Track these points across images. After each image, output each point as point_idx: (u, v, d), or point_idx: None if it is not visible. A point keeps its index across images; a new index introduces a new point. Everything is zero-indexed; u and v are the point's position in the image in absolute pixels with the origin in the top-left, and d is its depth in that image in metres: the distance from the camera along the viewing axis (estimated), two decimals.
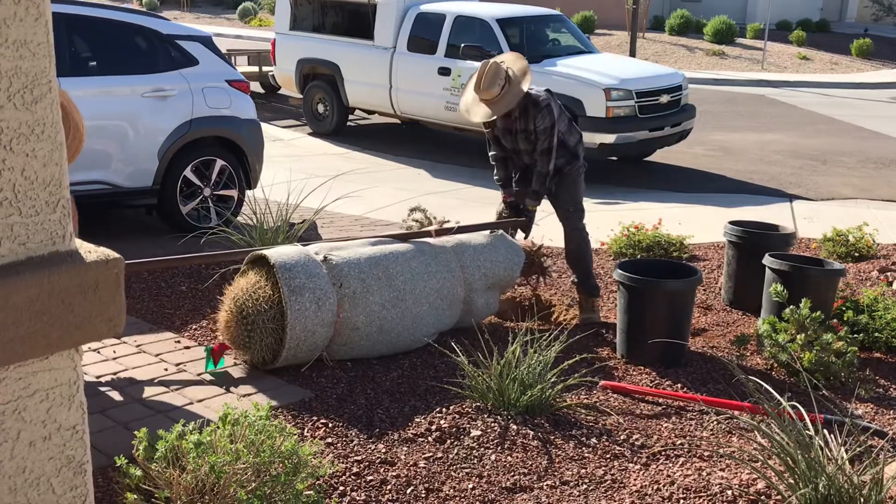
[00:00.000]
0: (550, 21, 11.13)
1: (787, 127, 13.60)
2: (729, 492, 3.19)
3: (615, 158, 10.20)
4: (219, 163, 6.77)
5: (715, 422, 3.84)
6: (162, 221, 6.71)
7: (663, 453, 3.53)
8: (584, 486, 3.27)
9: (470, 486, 3.21)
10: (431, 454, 3.42)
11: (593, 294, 5.20)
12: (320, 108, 11.94)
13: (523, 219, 5.25)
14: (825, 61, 22.31)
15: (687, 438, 3.67)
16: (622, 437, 3.66)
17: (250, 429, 2.89)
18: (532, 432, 3.63)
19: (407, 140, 11.73)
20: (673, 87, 10.05)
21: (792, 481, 2.94)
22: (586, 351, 4.48)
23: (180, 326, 4.78)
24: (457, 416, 3.71)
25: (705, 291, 5.75)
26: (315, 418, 3.67)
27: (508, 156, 5.24)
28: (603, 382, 4.17)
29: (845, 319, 4.77)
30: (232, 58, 13.55)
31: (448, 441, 3.53)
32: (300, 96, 12.17)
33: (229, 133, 6.79)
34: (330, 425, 3.62)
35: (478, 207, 8.17)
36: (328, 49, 11.58)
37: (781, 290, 4.57)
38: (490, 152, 5.32)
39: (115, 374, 4.11)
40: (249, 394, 3.93)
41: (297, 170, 9.06)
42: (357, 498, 3.10)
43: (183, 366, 4.24)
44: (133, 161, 6.32)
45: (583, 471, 3.37)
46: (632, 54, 18.58)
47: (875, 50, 23.43)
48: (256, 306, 4.07)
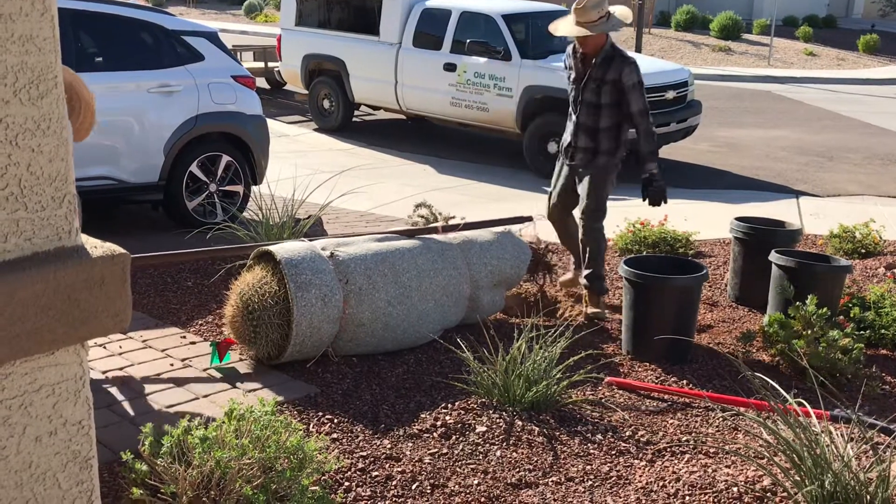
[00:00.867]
0: (556, 17, 11.08)
1: (794, 123, 13.56)
2: (734, 488, 3.19)
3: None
4: (224, 158, 6.77)
5: (721, 418, 3.83)
6: (168, 217, 6.72)
7: (669, 450, 3.53)
8: (590, 483, 3.26)
9: (475, 482, 3.21)
10: (437, 450, 3.42)
11: (600, 292, 5.19)
12: (326, 104, 11.94)
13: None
14: (832, 57, 22.24)
15: (692, 435, 3.67)
16: (627, 434, 3.65)
17: (256, 424, 2.90)
18: (537, 428, 3.62)
19: (412, 136, 11.72)
20: (679, 83, 10.02)
21: (798, 478, 2.94)
22: (591, 347, 4.48)
23: (186, 322, 4.79)
24: (462, 412, 3.71)
25: (711, 288, 5.74)
26: (320, 414, 3.68)
27: (570, 108, 5.17)
28: (608, 379, 4.17)
29: (852, 316, 4.76)
30: (237, 53, 13.56)
31: (453, 437, 3.53)
32: (306, 92, 12.17)
33: (235, 129, 6.79)
34: (335, 421, 3.62)
35: (484, 203, 8.16)
36: (334, 45, 11.57)
37: (788, 287, 4.55)
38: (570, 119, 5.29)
39: (121, 370, 4.11)
40: (255, 389, 3.94)
41: (303, 165, 9.07)
42: (362, 493, 3.10)
43: (189, 361, 4.24)
44: (139, 157, 6.33)
45: (588, 467, 3.37)
46: (637, 50, 18.54)
47: (882, 46, 23.35)
48: (262, 302, 4.08)
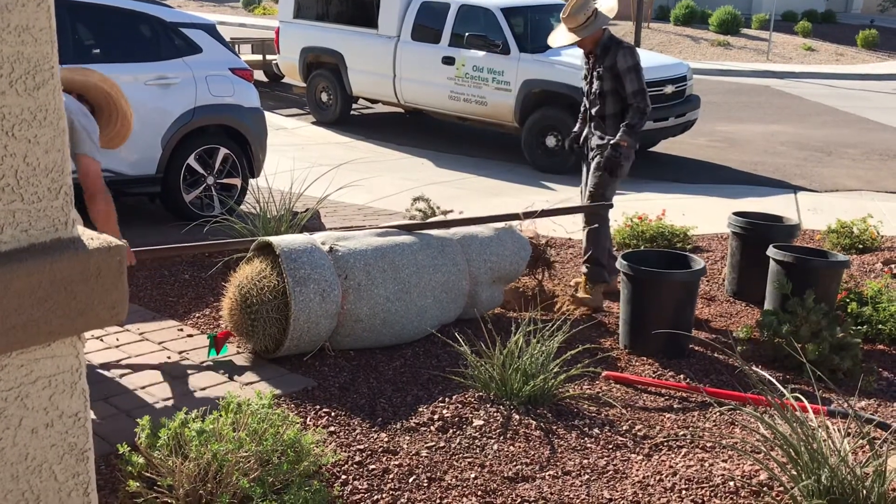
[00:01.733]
0: (555, 10, 11.07)
1: (792, 118, 13.56)
2: (731, 483, 3.19)
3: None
4: (222, 151, 6.76)
5: (718, 413, 3.83)
6: (165, 209, 6.71)
7: (666, 444, 3.53)
8: (587, 477, 3.27)
9: (472, 476, 3.21)
10: (434, 443, 3.43)
11: (594, 280, 5.21)
12: (324, 97, 11.92)
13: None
14: (830, 52, 22.23)
15: (689, 429, 3.67)
16: (625, 428, 3.66)
17: (253, 417, 2.90)
18: (534, 422, 3.62)
19: (411, 129, 11.71)
20: (677, 78, 10.01)
21: (794, 473, 2.94)
22: (589, 341, 4.48)
23: (183, 314, 4.78)
24: (459, 406, 3.71)
25: (709, 282, 5.74)
26: (317, 407, 3.68)
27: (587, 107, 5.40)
28: (606, 373, 4.17)
29: (849, 311, 4.76)
30: (235, 46, 13.52)
31: (450, 430, 3.53)
32: (304, 85, 12.15)
33: (233, 121, 6.78)
34: (332, 414, 3.62)
35: (482, 197, 8.16)
36: (332, 38, 11.55)
37: (785, 282, 4.56)
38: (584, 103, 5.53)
39: (118, 362, 4.11)
40: (252, 382, 3.93)
41: (301, 158, 9.06)
42: (359, 486, 3.10)
43: (186, 354, 4.24)
44: (136, 149, 6.31)
45: (585, 461, 3.37)
46: (637, 44, 18.52)
47: (881, 41, 23.35)
48: (261, 296, 4.07)
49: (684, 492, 3.16)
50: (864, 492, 2.80)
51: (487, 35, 10.03)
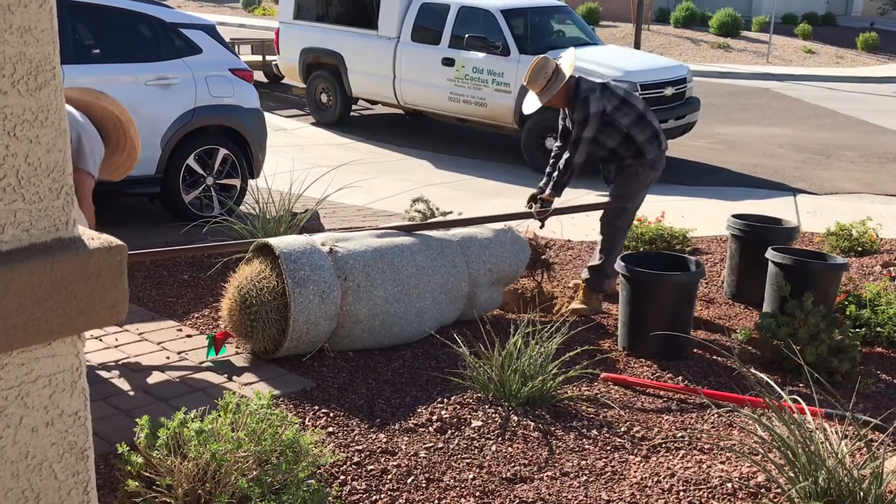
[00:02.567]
0: (555, 12, 11.10)
1: (792, 121, 13.57)
2: (729, 484, 3.20)
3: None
4: (222, 152, 6.76)
5: (716, 414, 3.84)
6: (164, 210, 6.71)
7: (664, 446, 3.54)
8: (585, 478, 3.27)
9: (470, 477, 3.21)
10: (432, 444, 3.43)
11: (594, 288, 5.19)
12: (324, 98, 11.93)
13: (535, 210, 5.21)
14: (830, 55, 22.25)
15: (688, 431, 3.68)
16: (623, 429, 3.66)
17: (252, 417, 2.90)
18: (533, 423, 3.63)
19: (410, 131, 11.72)
20: (677, 80, 10.02)
21: (792, 474, 2.94)
22: (588, 343, 4.48)
23: (182, 315, 4.79)
24: (458, 407, 3.72)
25: (708, 285, 5.75)
26: (316, 407, 3.68)
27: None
28: (604, 374, 4.17)
29: (848, 314, 4.77)
30: (235, 47, 13.52)
31: (449, 431, 3.54)
32: (303, 86, 12.16)
33: (232, 122, 6.78)
34: (331, 415, 3.62)
35: (481, 199, 8.16)
36: (332, 39, 11.56)
37: (784, 285, 4.56)
38: (556, 143, 5.45)
39: (117, 362, 4.11)
40: (251, 382, 3.94)
41: (300, 159, 9.06)
42: (358, 487, 3.10)
43: (185, 354, 4.24)
44: None
45: (583, 462, 3.38)
46: (636, 46, 18.53)
47: (881, 44, 23.36)
48: (260, 297, 4.07)
49: (682, 493, 3.16)
50: (862, 494, 2.80)
51: (487, 36, 10.04)
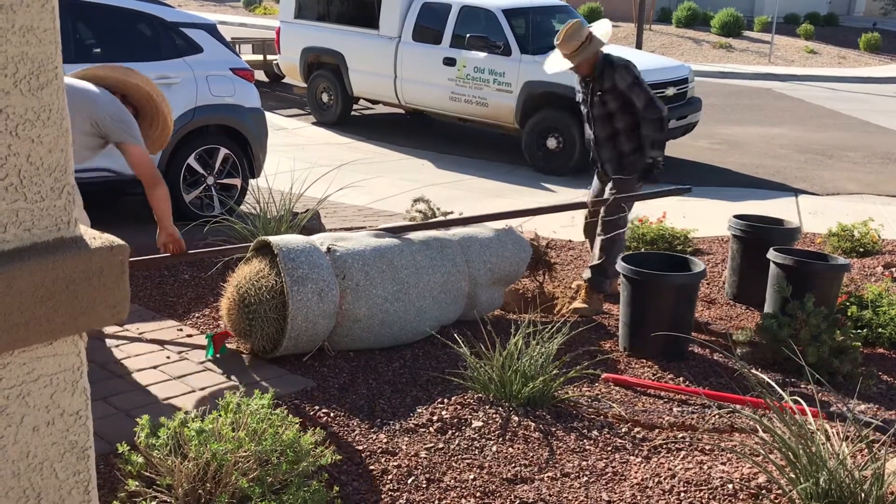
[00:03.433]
0: (557, 12, 11.10)
1: (794, 121, 13.56)
2: (730, 485, 3.20)
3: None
4: (222, 151, 6.76)
5: (717, 415, 3.84)
6: None
7: (664, 446, 3.54)
8: (585, 479, 3.27)
9: (471, 477, 3.21)
10: (433, 445, 3.43)
11: (596, 289, 5.19)
12: (324, 98, 11.93)
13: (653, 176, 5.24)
14: (833, 55, 22.24)
15: (688, 432, 3.67)
16: (623, 430, 3.66)
17: (252, 417, 2.90)
18: (533, 424, 3.63)
19: (411, 130, 11.72)
20: (679, 80, 10.02)
21: (793, 475, 2.94)
22: (589, 343, 4.48)
23: (183, 314, 4.79)
24: (458, 407, 3.71)
25: (709, 285, 5.74)
26: (317, 407, 3.68)
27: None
28: (605, 375, 4.17)
29: (849, 315, 4.76)
30: (236, 46, 13.53)
31: (449, 432, 3.53)
32: (304, 85, 12.16)
33: (233, 121, 6.78)
34: (331, 415, 3.62)
35: (482, 198, 8.16)
36: (333, 38, 11.56)
37: (786, 285, 4.56)
38: (588, 131, 5.47)
39: (118, 361, 4.11)
40: (251, 382, 3.94)
41: (301, 159, 9.06)
42: (358, 487, 3.10)
43: (185, 353, 4.24)
44: None
45: (584, 463, 3.38)
46: (638, 46, 18.53)
47: (883, 44, 23.36)
48: (259, 295, 4.07)
49: (683, 494, 3.16)
50: (863, 495, 2.80)
51: (489, 36, 10.04)
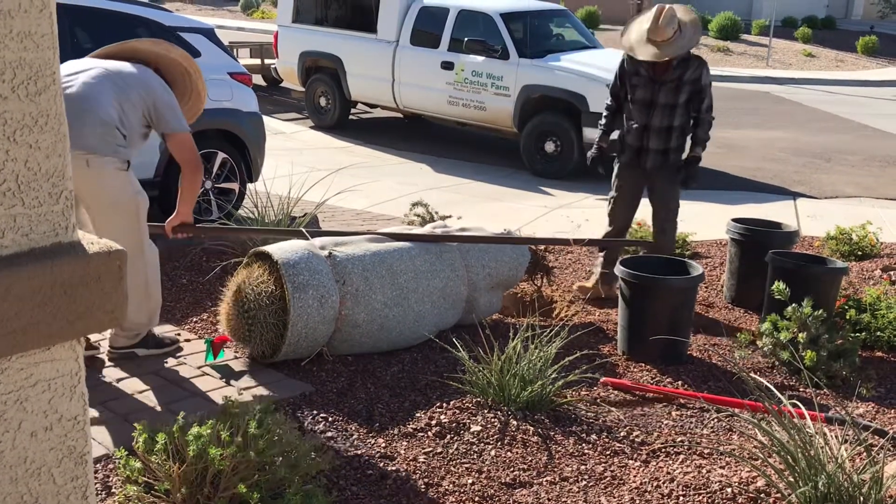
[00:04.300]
0: (554, 16, 11.11)
1: (792, 124, 13.58)
2: (729, 489, 3.19)
3: (615, 154, 10.19)
4: (220, 155, 6.76)
5: (715, 419, 3.83)
6: (162, 214, 6.69)
7: (663, 450, 3.53)
8: (584, 483, 3.27)
9: (469, 482, 3.21)
10: (431, 449, 3.42)
11: (609, 282, 5.29)
12: (322, 102, 11.93)
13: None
14: (830, 58, 22.28)
15: (687, 436, 3.67)
16: (622, 434, 3.66)
17: (250, 422, 2.90)
18: (532, 428, 3.62)
19: (409, 134, 11.72)
20: None
21: (792, 479, 2.94)
22: (587, 347, 4.48)
23: (181, 319, 4.78)
24: (457, 412, 3.71)
25: (707, 289, 5.74)
26: (315, 412, 3.67)
27: (629, 110, 5.29)
28: (604, 379, 4.17)
29: (847, 318, 4.76)
30: (234, 50, 13.55)
31: (448, 436, 3.53)
32: (302, 89, 12.16)
33: (231, 126, 6.78)
34: (330, 419, 3.62)
35: (480, 203, 8.17)
36: (331, 42, 11.56)
37: (784, 289, 4.56)
38: (608, 101, 5.44)
39: (115, 365, 4.10)
40: (250, 387, 3.93)
41: (299, 163, 9.06)
42: (357, 492, 3.10)
43: (183, 358, 4.24)
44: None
45: (583, 467, 3.37)
46: None
47: (881, 48, 23.40)
48: (258, 301, 4.07)
49: (682, 498, 3.16)
50: (861, 498, 2.80)
51: (486, 40, 10.05)
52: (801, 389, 4.20)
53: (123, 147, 3.86)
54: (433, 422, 3.62)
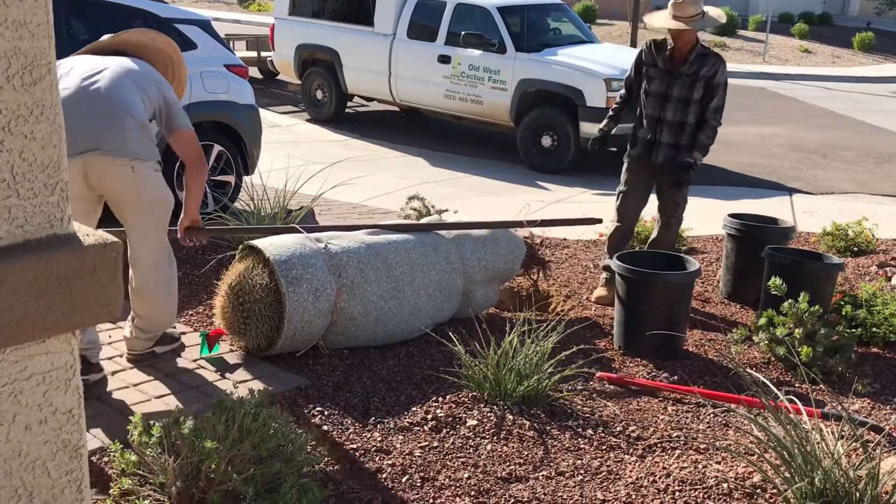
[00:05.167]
0: (551, 10, 11.09)
1: (788, 120, 13.59)
2: (724, 485, 3.19)
3: (615, 149, 10.18)
4: (216, 148, 6.73)
5: (711, 414, 3.84)
6: None
7: (659, 445, 3.53)
8: (580, 477, 3.26)
9: (465, 476, 3.20)
10: (427, 443, 3.42)
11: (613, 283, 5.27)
12: (319, 95, 11.90)
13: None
14: (827, 55, 22.29)
15: (683, 431, 3.67)
16: (618, 429, 3.66)
17: (246, 415, 2.89)
18: (528, 422, 3.62)
19: (406, 128, 11.70)
20: None
21: (788, 475, 2.94)
22: (583, 342, 4.48)
23: (177, 312, 4.75)
24: (453, 406, 3.71)
25: (703, 284, 5.75)
26: (311, 406, 3.67)
27: (643, 103, 5.27)
28: (600, 374, 4.17)
29: (843, 314, 4.77)
30: (230, 42, 13.50)
31: (444, 430, 3.53)
32: (299, 82, 12.13)
33: (227, 118, 6.75)
34: (325, 413, 3.61)
35: (477, 197, 8.16)
36: (327, 35, 11.53)
37: (780, 284, 4.56)
38: (622, 91, 5.46)
39: (110, 359, 4.09)
40: (245, 380, 3.92)
41: (295, 156, 9.04)
42: (352, 486, 3.09)
43: (178, 351, 4.22)
44: None
45: (578, 462, 3.37)
46: (633, 45, 18.53)
47: (877, 44, 23.42)
48: (253, 294, 4.06)
49: (678, 493, 3.16)
50: (857, 494, 2.80)
51: (483, 34, 10.03)
52: (797, 385, 4.21)
53: (156, 147, 3.85)
54: (429, 416, 3.61)
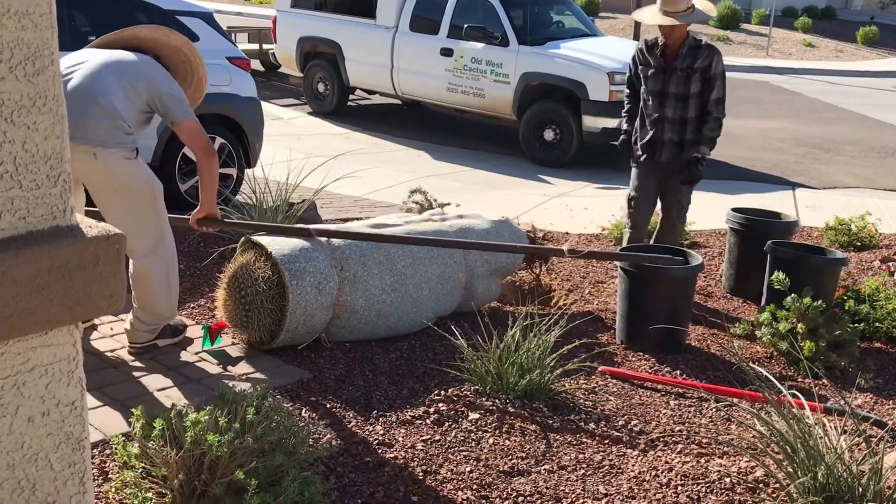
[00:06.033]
0: (555, 3, 11.07)
1: (791, 114, 13.56)
2: (727, 479, 3.19)
3: (616, 143, 10.18)
4: (218, 141, 6.72)
5: (714, 409, 3.83)
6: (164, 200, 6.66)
7: (662, 440, 3.53)
8: (582, 471, 3.26)
9: (467, 470, 3.20)
10: (429, 437, 3.42)
11: None
12: (321, 88, 11.89)
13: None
14: (830, 49, 22.24)
15: (686, 425, 3.67)
16: (621, 423, 3.65)
17: (248, 408, 2.88)
18: (530, 416, 3.62)
19: (408, 121, 11.68)
20: None
21: (791, 470, 2.94)
22: (586, 336, 4.47)
23: (178, 305, 4.75)
24: (455, 399, 3.70)
25: (706, 278, 5.74)
26: (313, 399, 3.66)
27: (645, 103, 5.24)
28: (602, 368, 4.16)
29: (846, 309, 4.76)
30: (232, 35, 13.48)
31: (446, 424, 3.52)
32: (300, 75, 12.12)
33: (229, 111, 6.74)
34: (328, 406, 3.61)
35: (479, 190, 8.14)
36: (329, 28, 11.51)
37: (783, 279, 4.55)
38: (626, 91, 5.45)
39: (113, 351, 4.09)
40: (247, 373, 3.92)
41: (297, 149, 9.03)
42: (354, 479, 3.09)
43: (181, 344, 4.22)
44: None
45: (581, 456, 3.37)
46: (636, 38, 18.49)
47: (881, 38, 23.36)
48: (255, 286, 4.05)
49: (680, 488, 3.15)
50: (860, 489, 2.80)
51: (486, 27, 10.01)
52: (800, 380, 4.20)
53: (130, 135, 3.83)
54: (431, 409, 3.61)
